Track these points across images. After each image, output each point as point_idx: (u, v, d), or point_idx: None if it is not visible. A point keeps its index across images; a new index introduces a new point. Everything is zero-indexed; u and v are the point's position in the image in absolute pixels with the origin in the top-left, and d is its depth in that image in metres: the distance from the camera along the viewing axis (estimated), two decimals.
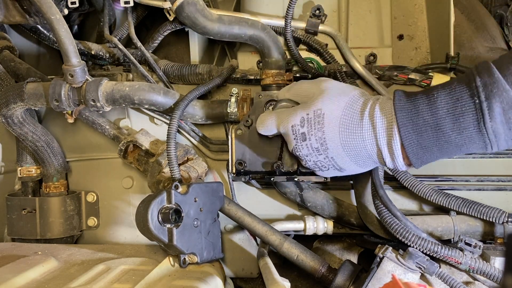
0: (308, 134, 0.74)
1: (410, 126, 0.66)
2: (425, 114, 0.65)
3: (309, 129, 0.73)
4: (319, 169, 0.78)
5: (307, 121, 0.74)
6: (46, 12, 0.85)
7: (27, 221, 1.06)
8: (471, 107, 0.62)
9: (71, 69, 0.90)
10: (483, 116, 0.61)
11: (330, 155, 0.74)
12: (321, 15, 1.01)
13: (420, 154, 0.67)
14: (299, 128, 0.75)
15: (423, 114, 0.65)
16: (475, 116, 0.62)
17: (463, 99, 0.62)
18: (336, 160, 0.74)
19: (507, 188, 0.99)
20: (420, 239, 0.82)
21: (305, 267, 0.90)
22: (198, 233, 0.86)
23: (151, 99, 0.95)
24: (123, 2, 0.97)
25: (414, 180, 0.92)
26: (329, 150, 0.73)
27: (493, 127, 0.61)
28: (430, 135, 0.65)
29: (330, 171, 0.78)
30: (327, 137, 0.72)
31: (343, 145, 0.71)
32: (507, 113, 0.60)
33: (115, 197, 1.12)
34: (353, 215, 0.98)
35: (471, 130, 0.62)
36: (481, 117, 0.61)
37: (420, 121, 0.65)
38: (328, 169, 0.77)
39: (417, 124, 0.65)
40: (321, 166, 0.77)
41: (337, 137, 0.71)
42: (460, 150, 0.66)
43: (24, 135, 1.02)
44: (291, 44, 0.99)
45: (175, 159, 0.89)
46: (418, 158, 0.68)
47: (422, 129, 0.65)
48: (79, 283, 0.78)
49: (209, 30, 0.95)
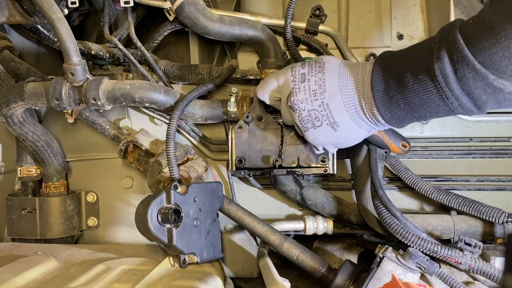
0: (308, 75, 0.77)
1: (380, 76, 0.71)
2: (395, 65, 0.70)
3: (310, 70, 0.77)
4: (312, 125, 0.77)
5: (308, 64, 0.79)
6: (47, 11, 0.85)
7: (27, 221, 1.06)
8: (427, 52, 0.65)
9: (72, 68, 0.90)
10: (432, 56, 0.63)
11: (326, 101, 0.75)
12: (321, 15, 1.01)
13: (387, 103, 0.70)
14: (299, 69, 0.78)
15: (393, 65, 0.70)
16: (429, 58, 0.64)
17: (422, 51, 0.67)
18: (331, 108, 0.74)
19: (507, 188, 0.99)
20: (419, 239, 0.82)
21: (305, 267, 0.90)
22: (198, 233, 0.86)
23: (152, 97, 0.95)
24: (123, 2, 0.97)
25: (415, 178, 0.92)
26: (326, 93, 0.74)
27: (439, 66, 0.62)
28: (395, 82, 0.69)
29: (322, 130, 0.77)
30: (326, 78, 0.75)
31: (341, 86, 0.74)
32: (452, 54, 0.61)
33: (115, 197, 1.12)
34: (353, 213, 0.98)
35: (423, 73, 0.64)
36: (431, 58, 0.63)
37: (388, 74, 0.70)
38: (322, 123, 0.76)
39: (385, 75, 0.70)
40: (315, 118, 0.76)
41: (336, 78, 0.75)
42: (421, 101, 0.66)
43: (24, 135, 1.02)
44: (291, 44, 1.00)
45: (175, 159, 0.89)
46: (385, 106, 0.70)
47: (389, 76, 0.69)
48: (79, 283, 0.78)
49: (210, 30, 0.95)
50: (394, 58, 0.71)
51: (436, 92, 0.64)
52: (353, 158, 0.96)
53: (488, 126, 0.99)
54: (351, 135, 0.77)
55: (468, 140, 1.00)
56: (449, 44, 0.62)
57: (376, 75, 0.71)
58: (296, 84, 0.78)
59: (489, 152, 0.99)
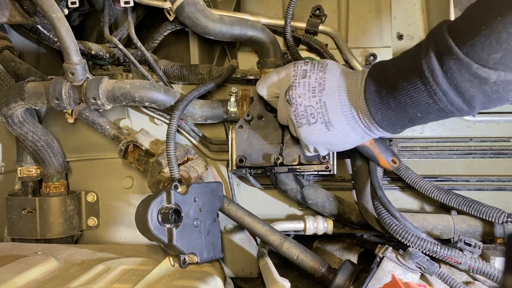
0: (309, 72, 0.78)
1: (373, 79, 0.72)
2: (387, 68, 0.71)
3: (312, 68, 0.79)
4: (307, 122, 0.77)
5: (311, 63, 0.80)
6: (47, 11, 0.85)
7: (27, 221, 1.06)
8: (417, 52, 0.66)
9: (72, 67, 0.90)
10: (420, 53, 0.64)
11: (323, 98, 0.75)
12: (321, 15, 1.01)
13: (378, 103, 0.70)
14: (302, 65, 0.80)
15: (386, 68, 0.71)
16: (418, 56, 0.65)
17: (413, 52, 0.68)
18: (328, 106, 0.75)
19: (507, 188, 0.99)
20: (419, 239, 0.82)
21: (305, 267, 0.90)
22: (198, 233, 0.86)
23: (152, 96, 0.95)
24: (123, 2, 0.97)
25: (416, 177, 0.92)
26: (325, 91, 0.75)
27: (426, 61, 0.63)
28: (386, 83, 0.70)
29: (316, 127, 0.77)
30: (327, 77, 0.76)
31: (339, 87, 0.75)
32: (438, 48, 0.62)
33: (115, 197, 1.12)
34: (354, 213, 0.98)
35: (412, 71, 0.65)
36: (419, 56, 0.64)
37: (380, 76, 0.71)
38: (316, 121, 0.76)
39: (377, 77, 0.71)
40: (310, 115, 0.76)
41: (336, 79, 0.76)
42: (411, 100, 0.66)
43: (24, 135, 1.02)
44: (291, 44, 1.00)
45: (175, 159, 0.89)
46: (376, 107, 0.71)
47: (381, 78, 0.71)
48: (79, 283, 0.78)
49: (210, 30, 0.95)
50: (388, 62, 0.73)
51: (425, 89, 0.64)
52: (353, 157, 0.97)
53: (488, 126, 0.99)
54: (344, 137, 0.77)
55: (468, 140, 1.00)
56: (436, 40, 0.63)
57: (369, 78, 0.72)
58: (296, 78, 0.78)
59: (489, 152, 0.99)
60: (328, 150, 0.83)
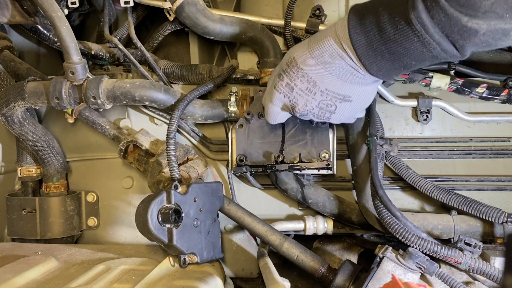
0: (291, 82, 0.77)
1: (358, 31, 0.69)
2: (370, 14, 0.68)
3: (289, 75, 0.77)
4: (330, 112, 0.78)
5: (283, 72, 0.78)
6: (47, 10, 0.85)
7: (27, 221, 1.06)
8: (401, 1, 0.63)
9: (72, 67, 0.90)
10: (407, 5, 0.62)
11: (322, 87, 0.75)
12: (321, 15, 1.01)
13: (372, 56, 0.69)
14: (280, 83, 0.78)
15: (368, 16, 0.68)
16: (405, 7, 0.63)
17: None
18: (331, 89, 0.74)
19: (507, 188, 0.99)
20: (419, 239, 0.82)
21: (305, 267, 0.90)
22: (198, 233, 0.86)
23: (152, 96, 0.95)
24: (123, 2, 0.97)
25: (416, 176, 0.92)
26: (317, 82, 0.74)
27: (416, 15, 0.61)
28: (375, 35, 0.67)
29: (340, 109, 0.77)
30: (306, 70, 0.74)
31: (323, 65, 0.73)
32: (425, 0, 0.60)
33: (115, 197, 1.12)
34: (354, 212, 0.98)
35: (401, 22, 0.63)
36: (406, 7, 0.62)
37: (366, 27, 0.68)
38: (336, 106, 0.77)
39: (362, 28, 0.68)
40: (327, 106, 0.77)
41: (313, 63, 0.73)
42: (404, 50, 0.66)
43: (24, 135, 1.02)
44: (291, 44, 1.00)
45: (175, 159, 0.89)
46: (370, 60, 0.69)
47: (367, 28, 0.67)
48: (79, 283, 0.78)
49: (210, 30, 0.95)
50: (368, 8, 0.69)
51: (418, 40, 0.64)
52: (354, 156, 0.97)
53: (488, 126, 0.99)
54: (365, 94, 0.77)
55: (468, 140, 1.00)
56: None
57: (353, 30, 0.69)
58: (289, 97, 0.78)
59: (489, 152, 0.99)
60: (363, 111, 0.87)
